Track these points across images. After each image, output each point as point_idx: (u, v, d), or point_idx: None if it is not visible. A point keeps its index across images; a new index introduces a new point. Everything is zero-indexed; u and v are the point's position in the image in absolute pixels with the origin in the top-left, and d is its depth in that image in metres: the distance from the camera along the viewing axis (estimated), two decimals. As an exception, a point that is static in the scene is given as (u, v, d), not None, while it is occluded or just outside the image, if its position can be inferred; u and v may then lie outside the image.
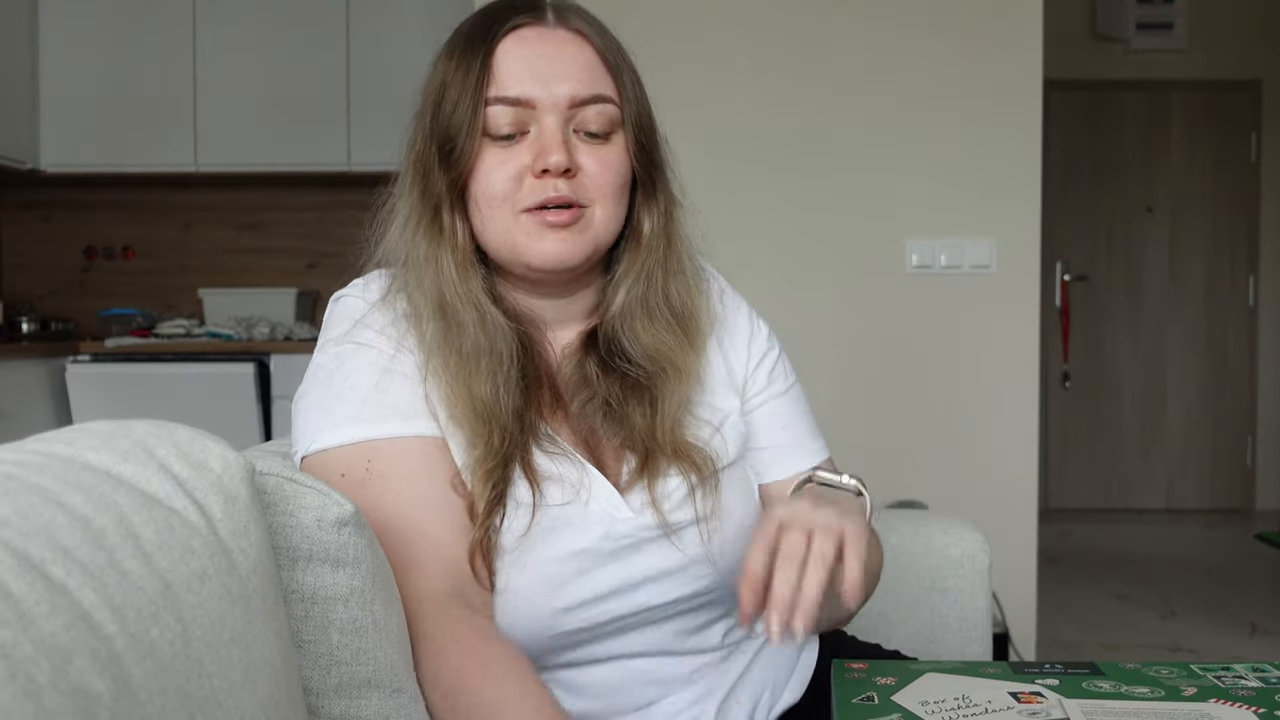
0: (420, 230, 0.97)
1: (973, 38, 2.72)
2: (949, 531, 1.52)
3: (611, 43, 0.99)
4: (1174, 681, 0.86)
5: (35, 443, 0.65)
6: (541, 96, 0.93)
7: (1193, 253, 5.64)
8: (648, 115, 1.00)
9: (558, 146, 0.93)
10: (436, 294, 0.95)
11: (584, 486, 0.95)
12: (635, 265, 1.01)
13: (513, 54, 0.94)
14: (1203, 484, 5.66)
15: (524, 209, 0.94)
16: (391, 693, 0.82)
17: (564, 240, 0.94)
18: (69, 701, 0.49)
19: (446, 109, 0.95)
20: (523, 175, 0.94)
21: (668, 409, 0.99)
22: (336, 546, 0.80)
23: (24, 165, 3.95)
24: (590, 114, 0.95)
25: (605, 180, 0.96)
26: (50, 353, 3.66)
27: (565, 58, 0.95)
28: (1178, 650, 3.31)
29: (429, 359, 0.95)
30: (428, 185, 0.96)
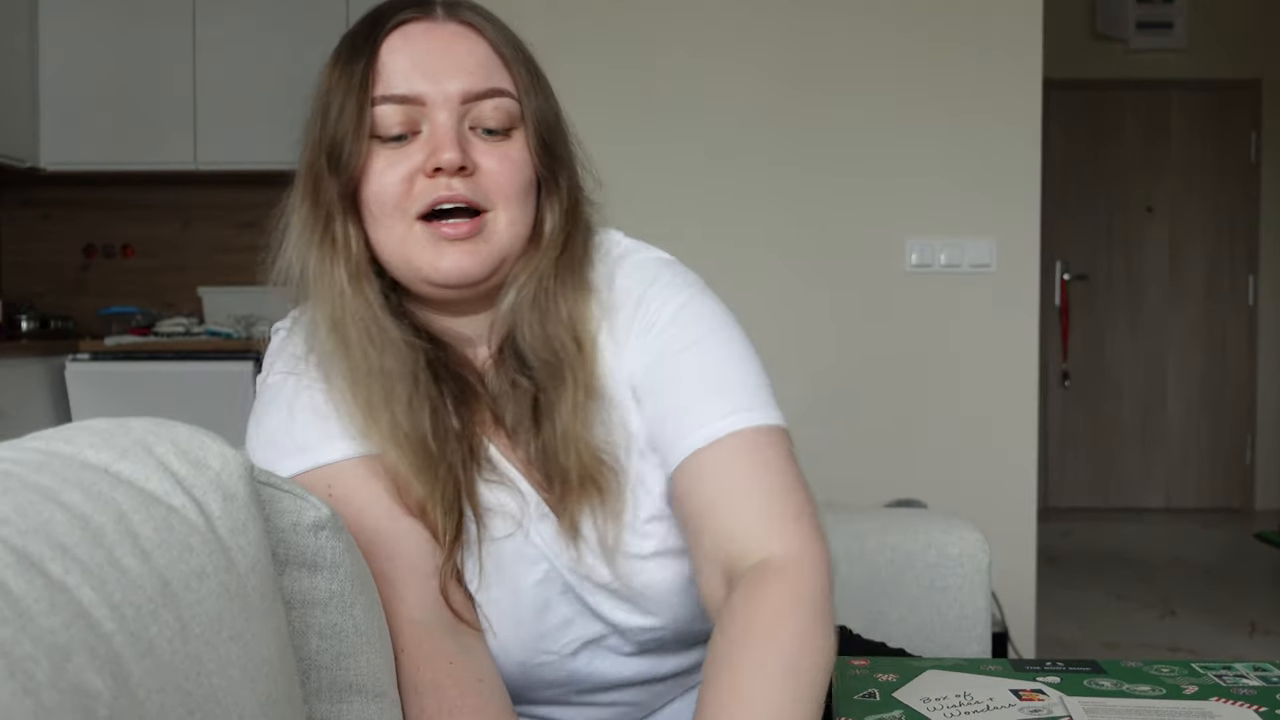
0: (313, 244, 0.91)
1: (973, 37, 2.71)
2: (948, 530, 1.52)
3: (507, 35, 0.92)
4: (1175, 680, 0.85)
5: (34, 440, 0.65)
6: (431, 92, 0.87)
7: (1192, 252, 5.64)
8: (550, 109, 0.93)
9: (450, 143, 0.86)
10: (330, 312, 0.90)
11: (525, 515, 0.91)
12: (530, 264, 0.92)
13: (399, 51, 0.89)
14: (1202, 483, 5.66)
15: (418, 215, 0.87)
16: (374, 697, 0.81)
17: (465, 253, 0.87)
18: (68, 699, 0.49)
19: (332, 114, 0.89)
20: (414, 176, 0.87)
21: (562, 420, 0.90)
22: (313, 550, 0.78)
23: (23, 163, 3.95)
24: (486, 109, 0.89)
25: (506, 180, 0.89)
26: (49, 351, 3.66)
27: (457, 52, 0.89)
28: (1177, 650, 3.31)
29: (332, 384, 0.90)
30: (319, 196, 0.91)
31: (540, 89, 0.92)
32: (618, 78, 2.70)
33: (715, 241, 2.69)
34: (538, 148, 0.90)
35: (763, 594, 0.80)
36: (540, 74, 0.93)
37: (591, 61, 2.70)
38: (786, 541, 0.83)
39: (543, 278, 0.92)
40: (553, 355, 0.91)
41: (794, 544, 0.83)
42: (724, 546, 0.84)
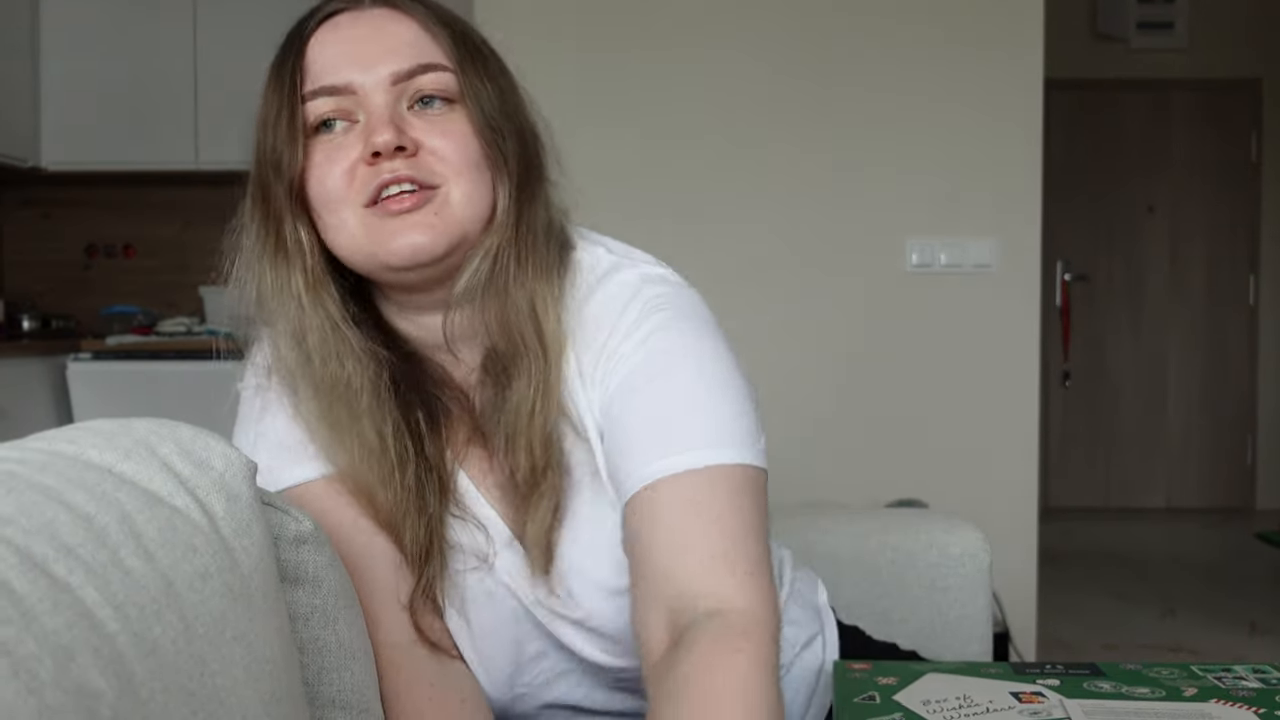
0: (266, 255, 0.87)
1: (973, 37, 2.71)
2: (949, 530, 1.52)
3: (440, 13, 0.88)
4: (1174, 682, 0.86)
5: (38, 441, 0.65)
6: (362, 80, 0.84)
7: (1193, 252, 5.64)
8: (491, 78, 0.87)
9: (384, 125, 0.82)
10: (291, 326, 0.86)
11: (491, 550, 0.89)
12: (484, 244, 0.86)
13: (327, 44, 0.86)
14: (1203, 483, 5.66)
15: (365, 204, 0.83)
16: (358, 713, 0.80)
17: (417, 226, 0.82)
18: (71, 699, 0.49)
19: (269, 119, 0.86)
20: (356, 167, 0.83)
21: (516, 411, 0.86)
22: (295, 565, 0.77)
23: (25, 163, 3.95)
24: (424, 83, 0.84)
25: (453, 153, 0.83)
26: (51, 350, 3.66)
27: (383, 35, 0.85)
28: (1178, 650, 3.31)
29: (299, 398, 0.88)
30: (268, 206, 0.87)
31: (479, 63, 0.87)
32: (616, 76, 2.70)
33: (715, 242, 2.69)
34: (481, 123, 0.85)
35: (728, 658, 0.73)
36: (481, 49, 0.88)
37: (593, 62, 2.70)
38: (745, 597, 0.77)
39: (498, 257, 0.86)
40: (509, 344, 0.86)
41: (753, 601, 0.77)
42: (667, 591, 0.77)
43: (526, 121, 0.89)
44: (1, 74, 3.81)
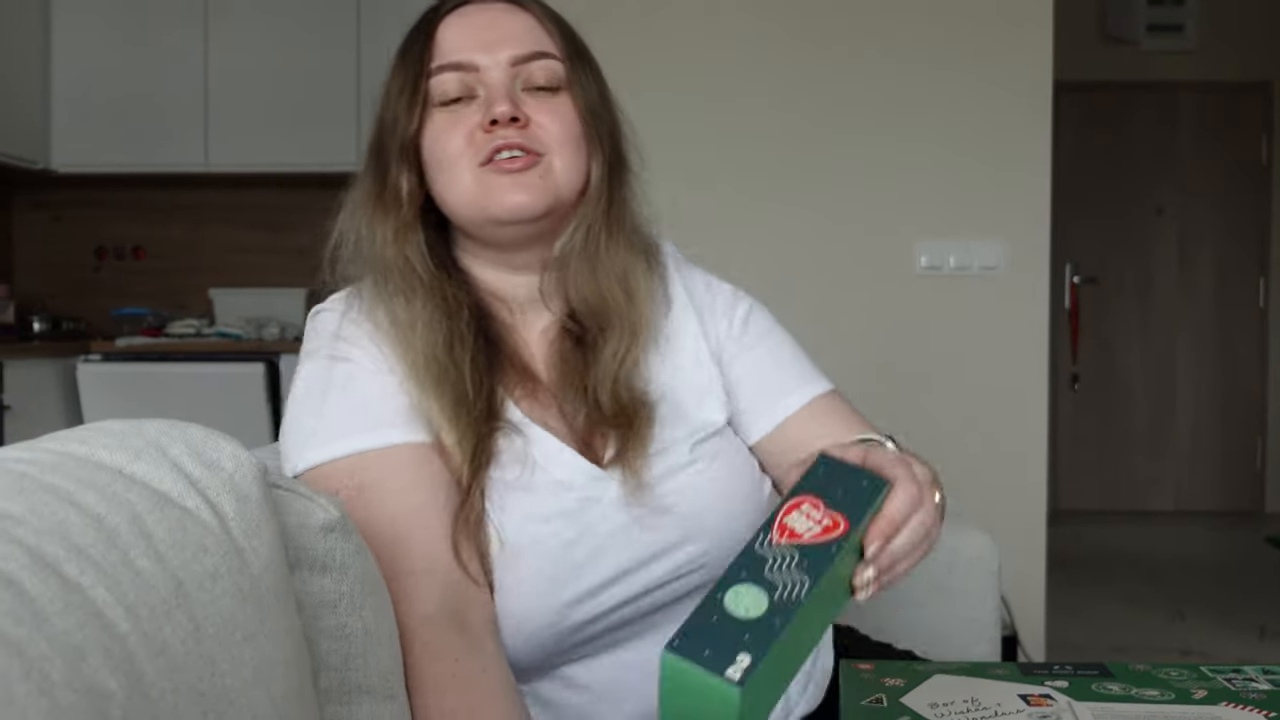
0: (367, 206, 1.00)
1: (982, 40, 2.71)
2: (958, 533, 1.52)
3: (550, 12, 1.03)
4: (1184, 684, 0.85)
5: (49, 441, 0.66)
6: (484, 60, 0.97)
7: (1203, 255, 5.63)
8: (593, 73, 1.03)
9: (502, 98, 0.96)
10: (378, 265, 0.98)
11: (546, 457, 0.95)
12: (578, 213, 1.01)
13: (454, 28, 0.99)
14: (1212, 486, 5.64)
15: (480, 163, 0.95)
16: (384, 699, 0.81)
17: (523, 187, 0.95)
18: (82, 700, 0.50)
19: (392, 93, 0.99)
20: (474, 133, 0.96)
21: (608, 366, 0.98)
22: (323, 552, 0.78)
23: (35, 165, 3.97)
24: (535, 69, 0.98)
25: (558, 129, 0.97)
26: (61, 352, 3.68)
27: (504, 23, 0.99)
28: (1188, 653, 3.30)
29: (396, 350, 0.95)
30: (380, 160, 1.00)
31: (583, 58, 1.02)
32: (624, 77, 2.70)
33: (723, 245, 2.70)
34: (583, 108, 0.99)
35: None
36: (583, 46, 1.03)
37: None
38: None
39: (591, 226, 1.00)
40: (601, 302, 1.00)
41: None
42: None
43: (618, 116, 1.05)
44: (12, 76, 3.83)
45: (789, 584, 0.64)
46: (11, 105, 3.83)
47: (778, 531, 0.67)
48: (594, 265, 1.00)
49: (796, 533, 0.67)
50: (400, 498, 0.91)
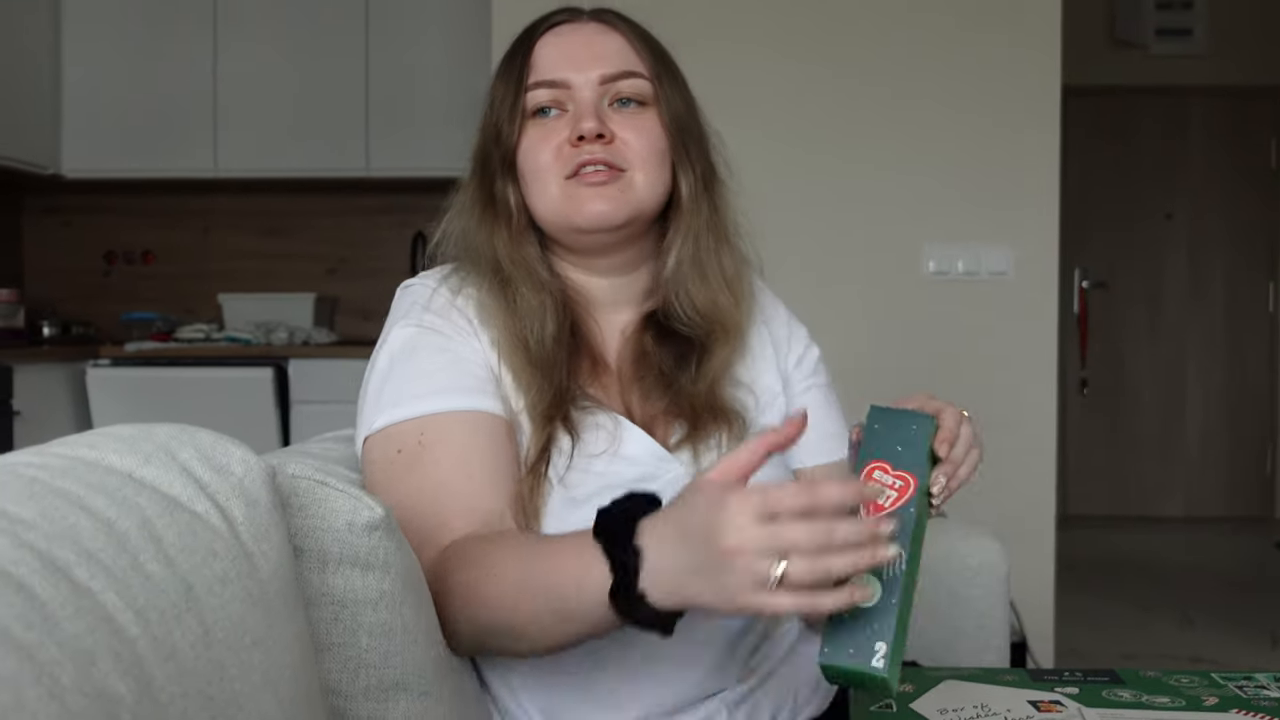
0: (477, 208, 1.07)
1: (991, 44, 2.71)
2: (967, 539, 1.51)
3: (640, 31, 1.09)
4: (1195, 691, 0.85)
5: (59, 446, 0.66)
6: (575, 78, 1.04)
7: (1212, 259, 5.61)
8: (680, 90, 1.09)
9: (590, 115, 1.02)
10: (492, 261, 1.05)
11: (617, 437, 1.01)
12: (681, 228, 1.08)
13: (549, 46, 1.06)
14: (1222, 492, 5.62)
15: (566, 176, 1.02)
16: (420, 695, 0.83)
17: (605, 199, 1.02)
18: (92, 703, 0.50)
19: (495, 102, 1.06)
20: (562, 146, 1.03)
21: (711, 367, 1.06)
22: (367, 550, 0.80)
23: (45, 170, 3.98)
24: (623, 87, 1.05)
25: (642, 145, 1.03)
26: (71, 356, 3.69)
27: (597, 43, 1.06)
28: (1198, 660, 3.29)
29: (488, 324, 1.03)
30: (484, 171, 1.07)
31: (671, 75, 1.08)
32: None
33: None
34: (670, 123, 1.06)
35: None
36: (672, 64, 1.10)
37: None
38: None
39: (699, 237, 1.07)
40: (712, 308, 1.07)
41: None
42: None
43: (706, 128, 1.11)
44: (23, 81, 3.85)
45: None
46: (22, 111, 3.84)
47: (865, 509, 0.77)
48: (704, 273, 1.08)
49: (880, 505, 0.78)
50: (456, 453, 0.96)
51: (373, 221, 4.17)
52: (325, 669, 0.80)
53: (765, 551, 0.67)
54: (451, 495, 0.95)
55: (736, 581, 0.68)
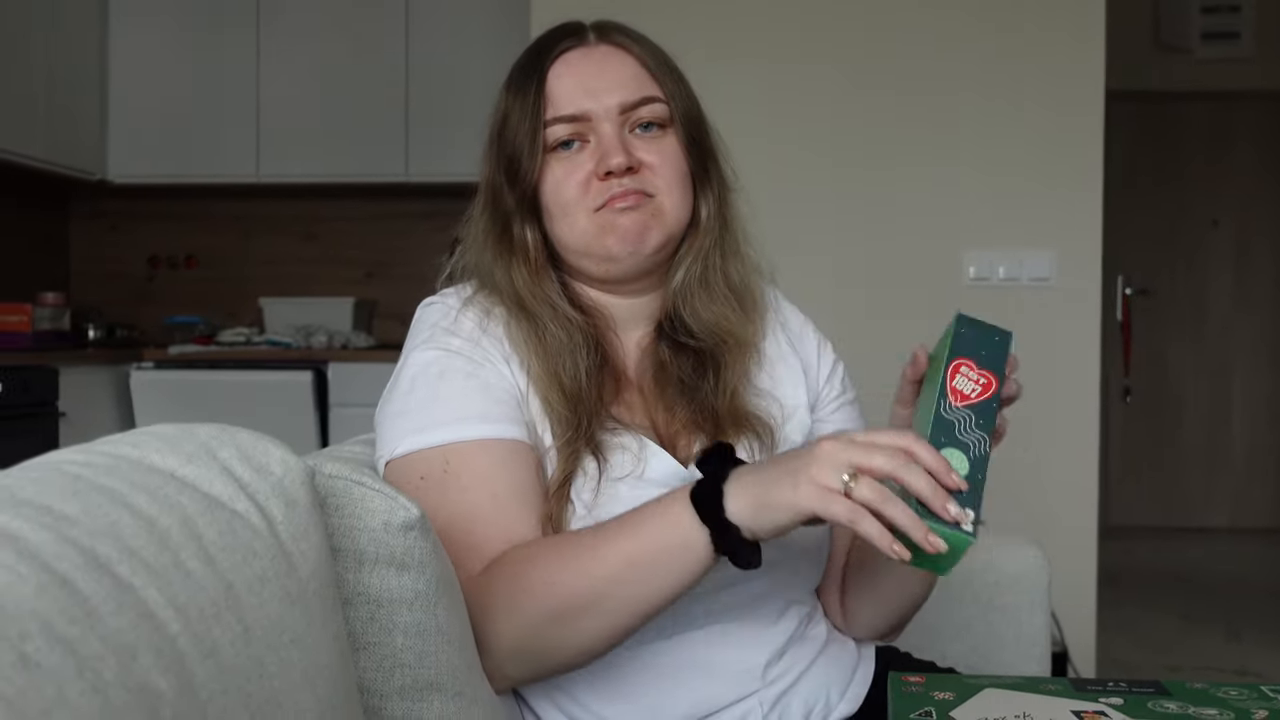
0: (490, 245, 1.06)
1: (1035, 48, 2.68)
2: (1007, 548, 1.50)
3: (652, 49, 1.07)
4: (1244, 703, 0.83)
5: (103, 444, 0.67)
6: (594, 108, 1.02)
7: (1259, 266, 5.52)
8: (695, 109, 1.08)
9: (616, 149, 1.01)
10: (515, 298, 1.04)
11: (642, 459, 1.00)
12: (693, 248, 1.07)
13: (563, 77, 1.03)
14: (1269, 501, 5.52)
15: (595, 209, 1.02)
16: (453, 696, 0.83)
17: (637, 224, 1.01)
18: (134, 698, 0.50)
19: (509, 135, 1.04)
20: (589, 180, 1.02)
21: (729, 378, 1.05)
22: (402, 550, 0.80)
23: (93, 176, 4.05)
24: (643, 114, 1.03)
25: (667, 170, 1.03)
26: (115, 359, 3.74)
27: (609, 70, 1.04)
28: (1243, 674, 3.23)
29: (516, 357, 1.02)
30: (497, 205, 1.06)
31: (684, 92, 1.07)
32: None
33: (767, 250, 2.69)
34: (688, 143, 1.05)
35: None
36: (683, 78, 1.08)
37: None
38: None
39: (708, 256, 1.07)
40: (720, 321, 1.07)
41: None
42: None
43: (715, 138, 1.10)
44: (71, 90, 3.91)
45: (974, 441, 0.83)
46: (70, 119, 3.91)
47: (952, 396, 0.85)
48: (711, 291, 1.07)
49: (966, 395, 0.85)
50: (483, 483, 0.95)
51: (412, 226, 4.19)
52: (361, 668, 0.80)
53: (842, 464, 0.77)
54: (480, 521, 0.94)
55: (807, 479, 0.77)
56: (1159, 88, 5.41)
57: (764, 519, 0.80)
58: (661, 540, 0.84)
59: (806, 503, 0.78)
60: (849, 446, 0.78)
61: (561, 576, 0.87)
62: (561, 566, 0.87)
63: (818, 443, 0.80)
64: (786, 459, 0.81)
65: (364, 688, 0.80)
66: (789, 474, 0.79)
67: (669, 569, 0.84)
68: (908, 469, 0.77)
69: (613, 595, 0.85)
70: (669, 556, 0.84)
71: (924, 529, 0.75)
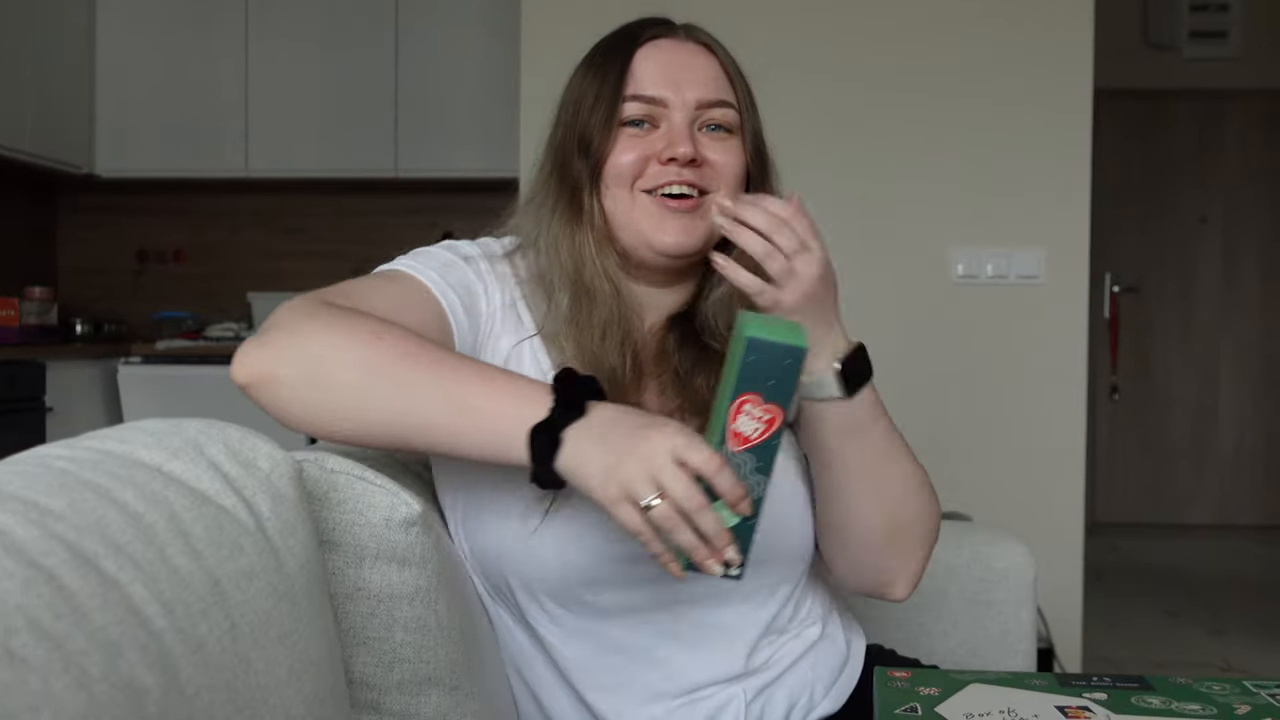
0: (557, 211, 1.06)
1: (1023, 46, 2.69)
2: (994, 544, 1.50)
3: (731, 58, 1.11)
4: (1227, 698, 0.84)
5: (89, 440, 0.66)
6: (673, 97, 1.04)
7: (1247, 264, 5.54)
8: (760, 125, 1.12)
9: (685, 139, 1.03)
10: (574, 269, 1.04)
11: None
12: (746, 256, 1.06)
13: (650, 60, 1.06)
14: (1255, 499, 5.55)
15: (645, 189, 1.03)
16: (450, 690, 0.84)
17: (685, 229, 1.03)
18: (119, 694, 0.50)
19: (587, 104, 1.05)
20: (649, 160, 1.04)
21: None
22: (404, 546, 0.81)
23: (80, 170, 4.03)
24: (715, 114, 1.06)
25: (728, 169, 1.05)
26: (102, 353, 3.73)
27: (695, 66, 1.07)
28: (1227, 669, 3.25)
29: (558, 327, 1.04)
30: (565, 172, 1.06)
31: (753, 106, 1.10)
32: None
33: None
34: (752, 153, 1.08)
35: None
36: (752, 92, 1.11)
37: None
38: None
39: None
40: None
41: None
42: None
43: (771, 157, 1.13)
44: (59, 83, 3.90)
45: (752, 487, 0.81)
46: (58, 112, 3.89)
47: (733, 440, 0.82)
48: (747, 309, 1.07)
49: (747, 437, 0.82)
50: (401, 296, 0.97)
51: (401, 221, 4.19)
52: (360, 663, 0.80)
53: (652, 480, 0.77)
54: (371, 296, 0.95)
55: (620, 477, 0.78)
56: (1147, 86, 5.43)
57: (579, 484, 0.81)
58: (487, 425, 0.82)
59: (605, 502, 0.79)
60: (664, 464, 0.77)
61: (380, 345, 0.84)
62: (395, 342, 0.85)
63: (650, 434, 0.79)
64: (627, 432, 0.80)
65: (363, 682, 0.81)
66: (614, 453, 0.79)
67: (474, 440, 0.83)
68: (691, 519, 0.78)
69: (413, 412, 0.83)
70: (481, 435, 0.82)
71: (704, 555, 0.79)
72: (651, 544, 0.79)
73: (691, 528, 0.78)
